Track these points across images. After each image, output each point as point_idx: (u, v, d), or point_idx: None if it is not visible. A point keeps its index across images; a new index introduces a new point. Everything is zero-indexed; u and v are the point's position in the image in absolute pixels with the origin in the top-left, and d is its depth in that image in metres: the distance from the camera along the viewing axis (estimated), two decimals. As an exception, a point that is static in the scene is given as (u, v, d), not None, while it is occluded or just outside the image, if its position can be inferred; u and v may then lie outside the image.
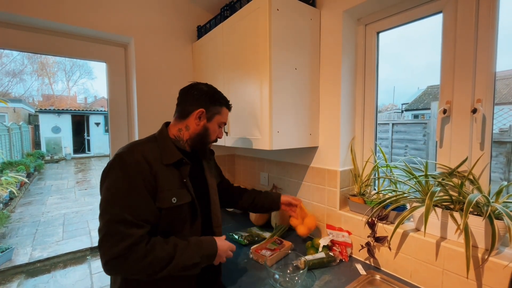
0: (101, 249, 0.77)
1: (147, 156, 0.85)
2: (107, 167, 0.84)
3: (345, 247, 1.25)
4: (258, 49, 1.24)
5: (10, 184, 5.21)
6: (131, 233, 0.78)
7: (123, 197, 0.79)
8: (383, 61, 1.34)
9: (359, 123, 1.40)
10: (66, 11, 1.45)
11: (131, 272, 0.79)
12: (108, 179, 0.82)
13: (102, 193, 0.82)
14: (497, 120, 2.20)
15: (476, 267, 0.88)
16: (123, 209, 0.78)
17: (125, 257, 0.76)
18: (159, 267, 0.80)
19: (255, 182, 1.99)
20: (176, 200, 0.87)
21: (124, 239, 0.76)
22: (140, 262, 0.78)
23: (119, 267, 0.77)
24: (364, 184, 1.35)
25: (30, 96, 19.82)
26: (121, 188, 0.80)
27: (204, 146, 1.02)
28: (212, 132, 1.01)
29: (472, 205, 0.82)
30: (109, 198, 0.80)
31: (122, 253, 0.76)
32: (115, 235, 0.76)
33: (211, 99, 0.99)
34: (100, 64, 1.77)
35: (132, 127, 1.80)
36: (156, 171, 0.85)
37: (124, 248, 0.76)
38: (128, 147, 0.88)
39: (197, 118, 0.96)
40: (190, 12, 1.90)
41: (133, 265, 0.77)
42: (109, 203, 0.79)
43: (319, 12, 1.38)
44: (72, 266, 3.29)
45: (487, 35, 0.96)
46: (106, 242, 0.76)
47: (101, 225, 0.78)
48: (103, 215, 0.79)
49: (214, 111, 1.00)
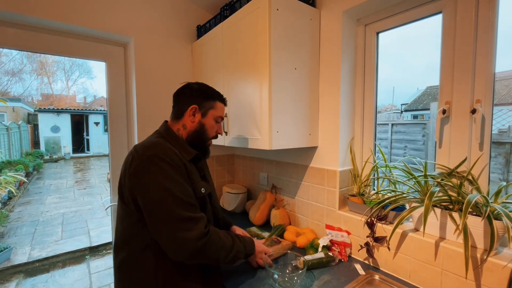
0: (182, 236, 0.79)
1: (176, 152, 0.90)
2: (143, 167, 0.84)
3: (344, 247, 1.25)
4: (257, 49, 1.24)
5: (9, 183, 5.20)
6: (201, 215, 0.85)
7: (181, 187, 0.84)
8: (383, 62, 1.34)
9: (359, 123, 1.40)
10: (66, 10, 1.45)
11: (213, 252, 0.85)
12: (154, 178, 0.82)
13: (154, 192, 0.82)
14: (496, 121, 2.20)
15: (475, 268, 0.88)
16: (185, 197, 0.83)
17: (209, 236, 0.83)
18: (225, 252, 0.88)
19: (254, 182, 1.99)
20: (204, 191, 0.94)
21: (200, 221, 0.83)
22: (217, 242, 0.86)
23: (205, 247, 0.82)
24: (364, 184, 1.35)
25: (29, 95, 19.80)
26: (174, 180, 0.83)
27: (204, 143, 1.04)
28: (209, 127, 1.03)
29: (471, 205, 0.82)
30: (170, 191, 0.82)
31: (205, 232, 0.82)
32: (190, 220, 0.81)
33: (202, 94, 1.02)
34: (99, 64, 1.77)
35: (131, 126, 1.80)
36: (185, 165, 0.90)
37: (204, 227, 0.83)
38: (155, 146, 0.89)
39: (191, 115, 0.99)
40: (189, 12, 1.90)
41: (214, 245, 0.85)
42: (173, 195, 0.81)
43: (319, 12, 1.38)
44: (71, 266, 3.29)
45: (486, 36, 0.96)
46: (185, 228, 0.80)
47: (170, 218, 0.80)
48: (168, 209, 0.81)
49: (207, 106, 1.02)
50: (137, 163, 0.85)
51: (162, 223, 0.81)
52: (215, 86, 1.59)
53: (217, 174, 2.12)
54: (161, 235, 0.81)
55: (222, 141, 1.59)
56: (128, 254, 0.91)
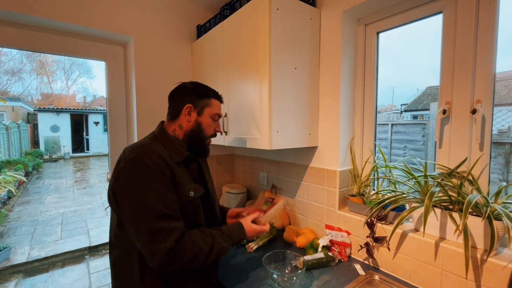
0: (153, 247, 0.78)
1: (162, 154, 0.87)
2: (125, 171, 0.83)
3: (344, 247, 1.25)
4: (257, 49, 1.24)
5: (9, 183, 5.19)
6: (175, 226, 0.81)
7: (157, 194, 0.81)
8: (383, 62, 1.34)
9: (359, 123, 1.40)
10: (66, 10, 1.44)
11: (184, 264, 0.82)
12: (132, 182, 0.81)
13: (128, 198, 0.81)
14: (496, 121, 2.20)
15: (475, 268, 0.88)
16: (160, 205, 0.80)
17: (177, 249, 0.80)
18: (204, 257, 0.85)
19: (254, 182, 1.99)
20: (193, 194, 0.91)
21: (172, 233, 0.80)
22: (190, 253, 0.82)
23: (173, 261, 0.79)
24: (364, 184, 1.35)
25: (29, 94, 19.78)
26: (151, 186, 0.81)
27: (202, 142, 1.02)
28: (206, 126, 1.01)
29: (471, 205, 0.82)
30: (143, 199, 0.80)
31: (173, 245, 0.79)
32: (162, 230, 0.79)
33: (196, 92, 1.00)
34: (99, 63, 1.76)
35: (131, 126, 1.80)
36: (172, 168, 0.87)
37: (174, 241, 0.79)
38: (139, 148, 0.87)
39: (187, 114, 0.98)
40: (189, 11, 1.90)
41: (185, 256, 0.81)
42: (145, 203, 0.79)
43: (319, 12, 1.38)
44: (70, 266, 3.28)
45: (487, 36, 0.96)
46: (155, 240, 0.78)
47: (141, 227, 0.79)
48: (140, 217, 0.79)
49: (202, 104, 1.00)
50: (121, 165, 0.85)
51: (135, 231, 0.80)
52: (215, 86, 1.59)
53: (217, 174, 2.12)
54: (138, 242, 0.81)
55: (222, 141, 1.58)
56: (119, 254, 0.92)
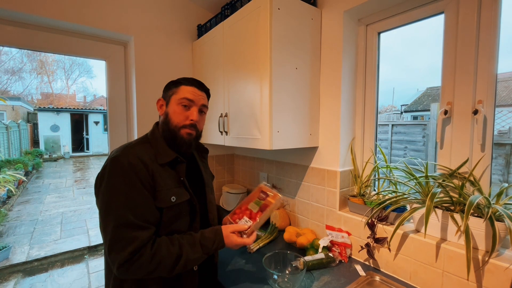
0: (111, 256, 0.77)
1: (142, 157, 0.85)
2: (101, 172, 0.83)
3: (344, 248, 1.24)
4: (258, 48, 1.23)
5: (8, 182, 5.19)
6: (136, 236, 0.78)
7: (124, 200, 0.79)
8: (384, 62, 1.34)
9: (359, 123, 1.40)
10: (66, 9, 1.44)
11: (142, 275, 0.79)
12: (106, 184, 0.80)
13: (100, 198, 0.81)
14: (496, 122, 2.19)
15: (477, 269, 0.88)
16: (126, 212, 0.78)
17: (133, 261, 0.76)
18: (168, 268, 0.81)
19: (254, 182, 1.98)
20: (175, 199, 0.87)
21: (131, 243, 0.77)
22: (148, 264, 0.78)
23: (129, 271, 0.77)
24: (364, 185, 1.34)
25: (29, 94, 19.80)
26: (121, 191, 0.79)
27: (175, 134, 0.92)
28: (172, 114, 0.92)
29: (473, 206, 0.82)
30: (110, 203, 0.79)
31: (129, 257, 0.76)
32: (121, 240, 0.76)
33: (167, 85, 0.99)
34: (99, 63, 1.76)
35: (131, 126, 1.79)
36: (152, 171, 0.85)
37: (130, 252, 0.76)
38: (122, 149, 0.86)
39: (160, 108, 0.98)
40: (190, 11, 1.90)
41: (142, 268, 0.78)
42: (111, 208, 0.78)
43: (320, 11, 1.37)
44: (70, 265, 3.28)
45: (488, 36, 0.95)
46: (114, 248, 0.76)
47: (106, 231, 0.78)
48: (106, 221, 0.78)
49: (169, 94, 0.95)
50: (104, 164, 0.85)
51: (102, 235, 0.80)
52: (216, 85, 1.60)
53: (217, 174, 2.12)
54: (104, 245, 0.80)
55: (222, 140, 1.58)
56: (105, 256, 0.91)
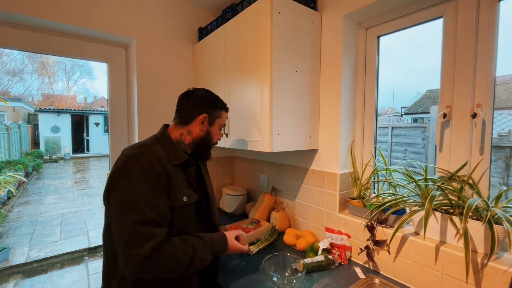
0: (127, 252, 0.75)
1: (160, 156, 0.87)
2: (118, 169, 0.83)
3: (344, 250, 1.25)
4: (259, 52, 1.24)
5: (8, 183, 5.19)
6: (156, 232, 0.79)
7: (145, 197, 0.80)
8: (386, 64, 1.35)
9: (359, 126, 1.40)
10: (68, 11, 1.45)
11: (159, 273, 0.80)
12: (124, 181, 0.80)
13: (117, 194, 0.80)
14: (496, 124, 2.19)
15: (476, 272, 0.88)
16: (147, 209, 0.79)
17: (153, 258, 0.77)
18: (182, 268, 0.83)
19: (254, 184, 1.99)
20: (187, 199, 0.90)
21: (151, 239, 0.77)
22: (166, 262, 0.79)
23: (148, 268, 0.77)
24: (364, 187, 1.35)
25: (30, 95, 19.83)
26: (142, 188, 0.80)
27: (208, 149, 1.07)
28: (214, 135, 1.06)
29: (471, 209, 0.82)
30: (130, 199, 0.79)
31: (150, 253, 0.76)
32: (141, 236, 0.77)
33: (212, 104, 1.04)
34: (100, 64, 1.77)
35: (132, 127, 1.80)
36: (168, 171, 0.87)
37: (151, 248, 0.77)
38: (138, 148, 0.87)
39: (201, 123, 1.01)
40: (191, 14, 1.91)
41: (161, 266, 0.79)
42: (131, 204, 0.78)
43: (320, 15, 1.38)
44: (69, 267, 3.27)
45: (487, 40, 0.96)
46: (133, 244, 0.76)
47: (123, 228, 0.77)
48: (123, 217, 0.78)
49: (215, 115, 1.05)
50: (118, 163, 0.85)
51: (118, 232, 0.78)
52: (217, 88, 1.60)
53: (217, 176, 2.12)
54: (116, 244, 0.79)
55: (223, 143, 1.59)
56: (106, 256, 0.91)
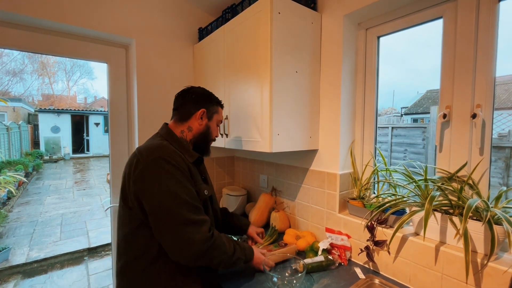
0: (187, 238, 0.81)
1: (180, 155, 0.91)
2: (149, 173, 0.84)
3: (344, 251, 1.25)
4: (259, 52, 1.24)
5: (9, 183, 5.19)
6: (205, 218, 0.87)
7: (186, 190, 0.85)
8: (387, 64, 1.34)
9: (359, 126, 1.41)
10: (68, 12, 1.45)
11: (216, 255, 0.87)
12: (160, 181, 0.83)
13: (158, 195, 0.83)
14: (496, 125, 2.20)
15: (476, 272, 0.88)
16: (190, 199, 0.85)
17: (214, 240, 0.86)
18: (227, 258, 0.91)
19: (254, 184, 1.99)
20: (207, 193, 0.97)
21: (203, 224, 0.85)
22: (221, 247, 0.88)
23: (209, 250, 0.84)
24: (364, 188, 1.35)
25: (30, 95, 19.83)
26: (180, 183, 0.85)
27: (208, 144, 1.10)
28: (212, 130, 1.10)
29: (471, 210, 0.82)
30: (174, 194, 0.83)
31: (209, 235, 0.85)
32: (195, 222, 0.83)
33: (209, 99, 1.08)
34: (100, 64, 1.77)
35: (132, 128, 1.80)
36: (189, 168, 0.92)
37: (207, 230, 0.85)
38: (159, 149, 0.89)
39: (200, 118, 1.04)
40: (191, 14, 1.91)
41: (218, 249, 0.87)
42: (176, 199, 0.83)
43: (320, 16, 1.39)
44: (69, 267, 3.28)
45: (487, 41, 0.96)
46: (190, 231, 0.82)
47: (174, 221, 0.81)
48: (173, 211, 0.82)
49: (213, 110, 1.09)
50: (142, 166, 0.85)
51: (168, 225, 0.82)
52: (216, 88, 1.61)
53: (217, 176, 2.12)
54: (166, 237, 0.82)
55: (223, 143, 1.59)
56: (129, 259, 0.91)
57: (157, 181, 0.83)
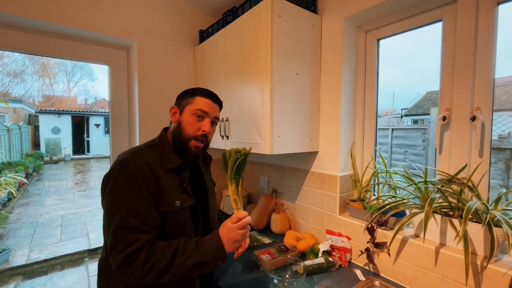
0: (111, 256, 0.78)
1: (149, 161, 0.87)
2: (108, 173, 0.85)
3: (344, 253, 1.25)
4: (259, 55, 1.25)
5: (9, 184, 5.20)
6: (136, 239, 0.78)
7: (126, 203, 0.80)
8: (386, 65, 1.35)
9: (359, 128, 1.41)
10: (70, 14, 1.46)
11: (136, 278, 0.79)
12: (111, 185, 0.82)
13: (105, 200, 0.83)
14: (496, 126, 2.19)
15: (475, 274, 0.88)
16: (128, 215, 0.79)
17: (128, 263, 0.77)
18: (162, 272, 0.79)
19: (255, 186, 1.99)
20: (179, 204, 0.89)
21: (130, 245, 0.77)
22: (142, 267, 0.77)
23: (125, 273, 0.78)
24: (364, 190, 1.35)
25: (31, 96, 19.86)
26: (124, 193, 0.81)
27: (185, 143, 0.94)
28: (185, 123, 0.94)
29: (471, 212, 0.82)
30: (113, 204, 0.80)
31: (126, 259, 0.76)
32: (121, 242, 0.77)
33: (182, 94, 1.00)
34: (101, 66, 1.78)
35: (133, 129, 1.81)
36: (158, 176, 0.86)
37: (128, 254, 0.76)
38: (130, 153, 0.88)
39: (172, 115, 0.99)
40: (192, 17, 1.92)
41: (136, 271, 0.77)
42: (114, 210, 0.80)
43: (321, 18, 1.39)
44: (70, 268, 3.27)
45: (486, 44, 0.97)
46: (114, 249, 0.77)
47: (108, 233, 0.79)
48: (109, 222, 0.80)
49: (184, 103, 0.97)
50: (111, 167, 0.87)
51: (104, 235, 0.83)
52: (217, 90, 1.60)
53: (218, 178, 2.13)
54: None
55: (223, 145, 1.59)
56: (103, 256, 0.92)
57: (111, 184, 0.82)
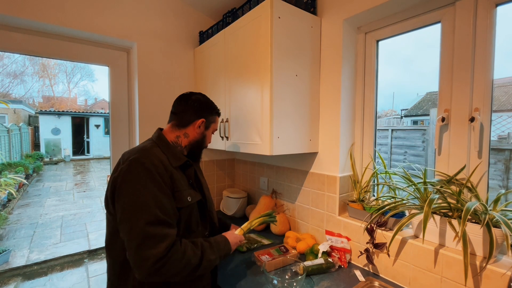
0: (141, 254, 0.75)
1: (161, 158, 0.89)
2: (123, 174, 0.83)
3: (344, 253, 1.25)
4: (259, 56, 1.26)
5: (9, 185, 5.20)
6: (168, 233, 0.80)
7: (154, 198, 0.81)
8: (386, 66, 1.35)
9: (359, 129, 1.41)
10: (70, 15, 1.47)
11: (173, 273, 0.80)
12: (130, 185, 0.81)
13: (125, 200, 0.80)
14: (496, 127, 2.19)
15: (474, 275, 0.89)
16: (157, 210, 0.80)
17: (168, 258, 0.78)
18: (191, 269, 0.83)
19: (254, 186, 1.99)
20: (191, 199, 0.93)
21: (164, 239, 0.78)
22: (179, 262, 0.80)
23: (163, 269, 0.77)
24: (363, 190, 1.35)
25: (31, 97, 19.89)
26: (149, 190, 0.81)
27: (201, 150, 1.12)
28: (208, 138, 1.12)
29: (470, 213, 0.83)
30: (138, 202, 0.79)
31: (165, 253, 0.77)
32: (153, 237, 0.77)
33: (209, 109, 1.09)
34: (101, 67, 1.78)
35: (133, 130, 1.81)
36: (171, 173, 0.89)
37: (165, 248, 0.77)
38: (139, 151, 0.88)
39: (198, 127, 1.04)
40: (192, 18, 1.93)
41: (174, 266, 0.79)
42: (140, 207, 0.79)
43: (320, 20, 1.40)
44: (69, 269, 3.27)
45: (484, 45, 0.97)
46: (146, 245, 0.76)
47: (134, 231, 0.77)
48: (133, 220, 0.78)
49: (211, 120, 1.11)
50: (120, 168, 0.85)
51: (128, 235, 0.78)
52: (217, 92, 1.62)
53: (218, 178, 2.13)
54: (127, 247, 0.79)
55: (223, 145, 1.60)
56: (112, 262, 0.92)
57: (128, 183, 0.81)
